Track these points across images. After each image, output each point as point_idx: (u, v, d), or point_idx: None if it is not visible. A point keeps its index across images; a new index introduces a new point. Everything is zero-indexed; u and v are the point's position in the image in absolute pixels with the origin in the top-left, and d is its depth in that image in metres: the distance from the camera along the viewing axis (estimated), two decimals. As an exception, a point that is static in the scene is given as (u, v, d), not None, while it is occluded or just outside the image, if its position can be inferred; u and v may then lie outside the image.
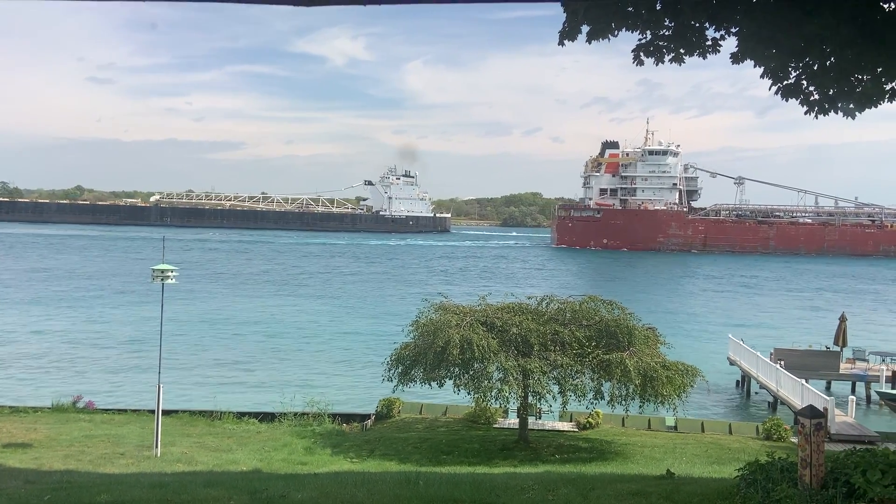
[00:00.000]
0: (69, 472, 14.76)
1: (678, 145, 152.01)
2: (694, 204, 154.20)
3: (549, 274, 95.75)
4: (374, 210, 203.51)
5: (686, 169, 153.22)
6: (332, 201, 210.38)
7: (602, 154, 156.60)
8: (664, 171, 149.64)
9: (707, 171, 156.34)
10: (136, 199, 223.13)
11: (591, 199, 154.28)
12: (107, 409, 23.43)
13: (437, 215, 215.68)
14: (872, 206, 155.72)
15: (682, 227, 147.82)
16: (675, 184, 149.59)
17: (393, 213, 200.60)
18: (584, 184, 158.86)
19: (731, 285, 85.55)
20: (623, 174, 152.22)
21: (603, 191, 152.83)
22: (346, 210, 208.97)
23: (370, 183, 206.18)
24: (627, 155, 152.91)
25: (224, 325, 46.79)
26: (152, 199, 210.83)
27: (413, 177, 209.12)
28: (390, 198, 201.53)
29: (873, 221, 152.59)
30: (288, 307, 56.18)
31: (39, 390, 28.43)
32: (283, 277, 79.05)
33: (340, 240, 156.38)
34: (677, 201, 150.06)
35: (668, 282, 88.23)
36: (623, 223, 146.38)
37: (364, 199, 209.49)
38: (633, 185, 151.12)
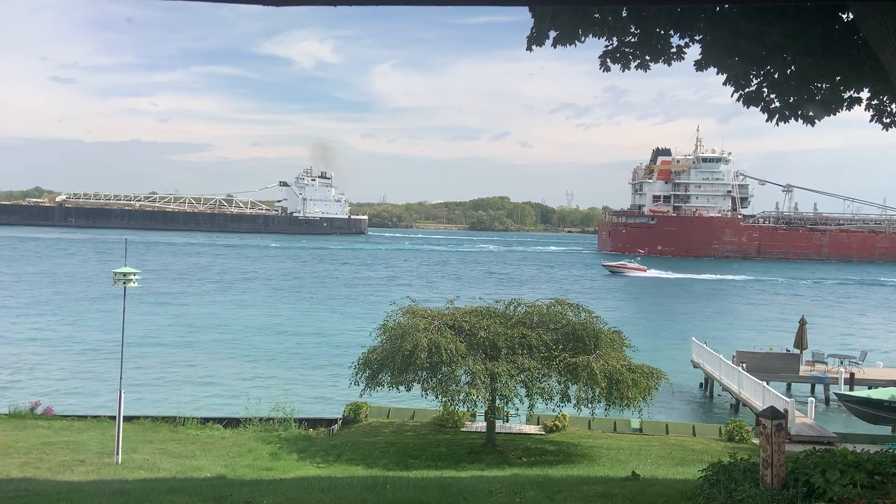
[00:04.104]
0: (27, 479, 14.41)
1: (730, 153, 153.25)
2: (744, 211, 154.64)
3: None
4: (288, 211, 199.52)
5: (736, 176, 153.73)
6: (245, 202, 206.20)
7: (654, 161, 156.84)
8: (717, 179, 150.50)
9: (756, 179, 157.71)
10: (41, 199, 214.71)
11: (643, 205, 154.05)
12: (66, 416, 22.89)
13: (353, 217, 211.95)
14: None
15: (736, 235, 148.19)
16: (728, 191, 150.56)
17: (307, 215, 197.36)
18: (637, 190, 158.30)
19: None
20: (676, 181, 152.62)
21: (656, 198, 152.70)
22: (259, 211, 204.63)
23: (285, 184, 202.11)
24: (679, 162, 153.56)
25: (185, 329, 46.09)
26: (58, 198, 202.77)
27: (329, 178, 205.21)
28: (305, 199, 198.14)
29: None
30: (250, 311, 55.56)
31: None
32: (237, 280, 78.24)
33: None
34: (730, 208, 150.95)
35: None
36: (678, 230, 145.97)
37: (279, 201, 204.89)
38: (687, 192, 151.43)
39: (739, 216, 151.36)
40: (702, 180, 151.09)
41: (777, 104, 9.49)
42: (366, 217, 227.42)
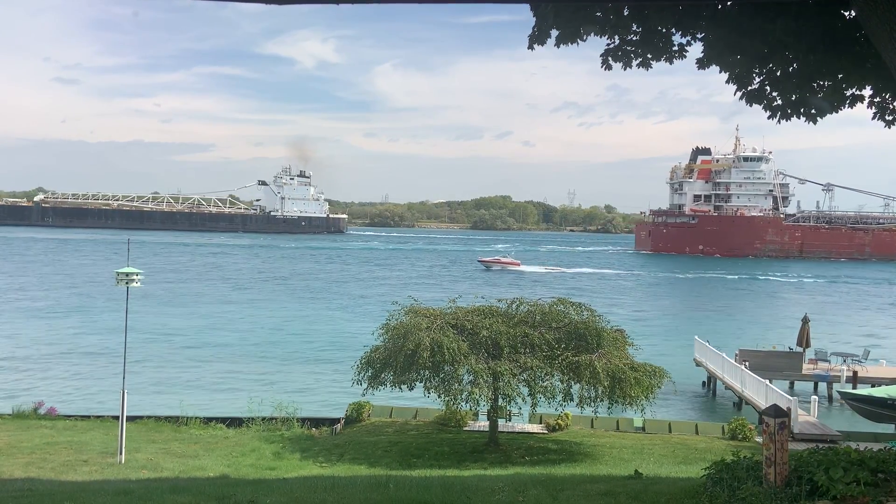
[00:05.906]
0: (31, 479, 14.44)
1: (770, 152, 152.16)
2: (785, 210, 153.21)
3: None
4: (266, 210, 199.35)
5: (777, 175, 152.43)
6: (223, 201, 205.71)
7: (693, 160, 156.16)
8: (758, 178, 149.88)
9: (796, 178, 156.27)
10: (19, 199, 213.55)
11: (683, 205, 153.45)
12: (69, 416, 22.91)
13: (332, 216, 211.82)
14: None
15: (778, 234, 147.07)
16: (770, 190, 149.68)
17: (285, 214, 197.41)
18: (678, 190, 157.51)
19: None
20: (716, 180, 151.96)
21: (697, 197, 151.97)
22: (237, 210, 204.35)
23: (264, 183, 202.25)
24: (719, 161, 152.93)
25: (186, 329, 46.13)
26: (36, 198, 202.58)
27: (308, 177, 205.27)
28: (283, 198, 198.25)
29: None
30: (252, 310, 55.57)
31: (-1, 397, 27.73)
32: (237, 280, 78.26)
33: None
34: (772, 207, 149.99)
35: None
36: (719, 229, 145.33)
37: (257, 200, 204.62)
38: (728, 192, 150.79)
39: (781, 215, 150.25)
40: (743, 179, 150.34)
41: (779, 102, 9.48)
42: (345, 216, 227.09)
